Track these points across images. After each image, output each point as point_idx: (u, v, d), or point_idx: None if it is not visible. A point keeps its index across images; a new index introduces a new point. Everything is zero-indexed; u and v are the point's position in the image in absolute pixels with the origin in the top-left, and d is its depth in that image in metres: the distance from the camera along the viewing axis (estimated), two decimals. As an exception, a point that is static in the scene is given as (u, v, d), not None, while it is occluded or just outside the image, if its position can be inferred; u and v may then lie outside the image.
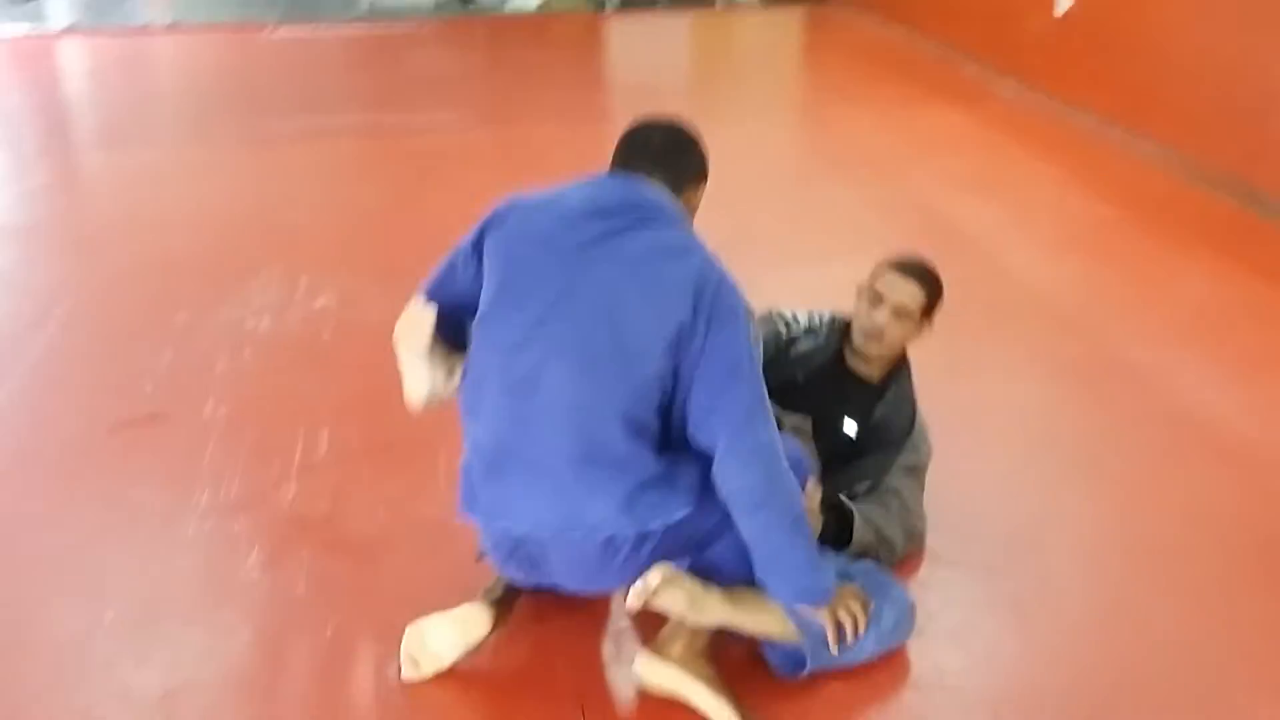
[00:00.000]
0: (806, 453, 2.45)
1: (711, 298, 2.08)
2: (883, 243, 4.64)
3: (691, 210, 2.30)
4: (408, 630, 2.29)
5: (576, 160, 5.50)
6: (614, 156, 2.28)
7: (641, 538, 2.11)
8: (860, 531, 2.52)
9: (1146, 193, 5.21)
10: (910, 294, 2.64)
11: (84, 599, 2.52)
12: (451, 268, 2.24)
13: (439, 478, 2.92)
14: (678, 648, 2.21)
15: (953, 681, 2.31)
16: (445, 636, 2.26)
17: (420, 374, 2.23)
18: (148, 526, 2.78)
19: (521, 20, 9.31)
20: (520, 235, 2.15)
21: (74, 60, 8.39)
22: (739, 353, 2.10)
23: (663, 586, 2.11)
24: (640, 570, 2.15)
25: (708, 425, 2.09)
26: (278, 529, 2.76)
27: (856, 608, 2.24)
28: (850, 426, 2.69)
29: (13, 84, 7.63)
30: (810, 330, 2.81)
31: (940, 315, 2.69)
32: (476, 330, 2.18)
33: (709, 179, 2.33)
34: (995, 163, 5.66)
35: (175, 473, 2.99)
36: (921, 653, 2.37)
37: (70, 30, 8.85)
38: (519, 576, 2.29)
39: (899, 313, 2.63)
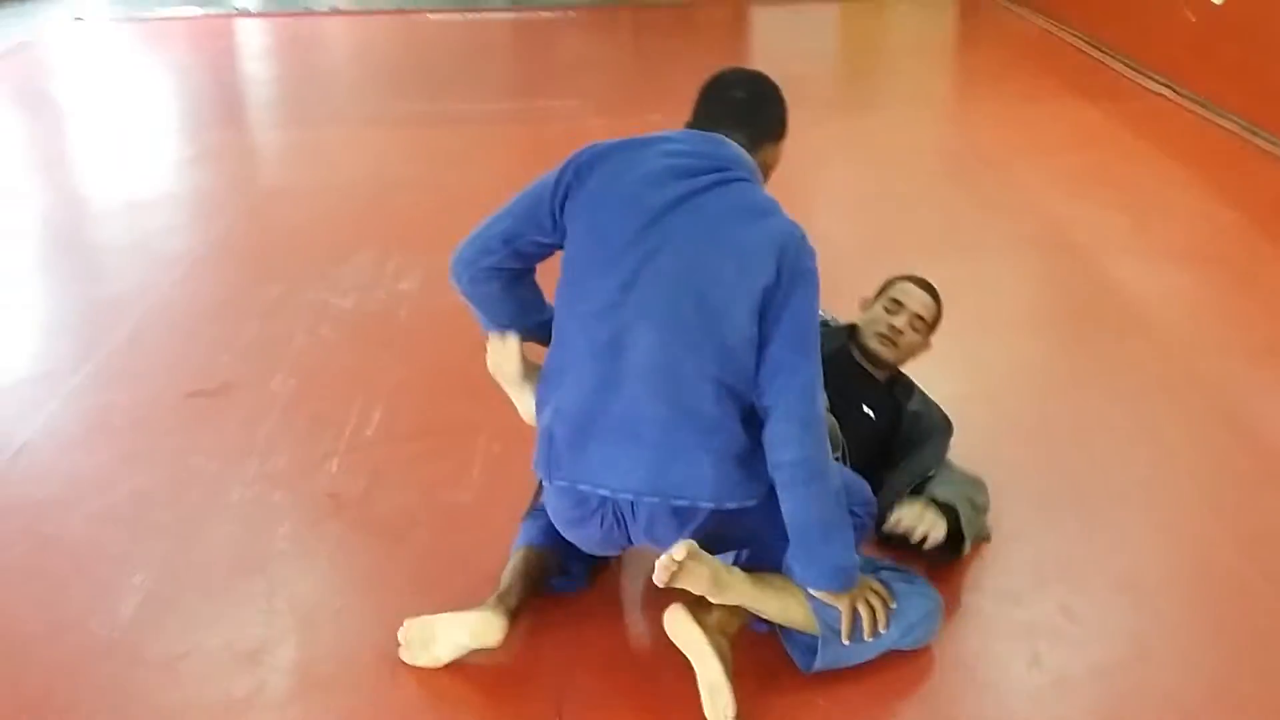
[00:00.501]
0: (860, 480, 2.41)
1: (794, 257, 2.09)
2: (982, 243, 4.59)
3: (767, 167, 2.31)
4: (417, 622, 2.30)
5: None
6: (695, 108, 2.30)
7: (715, 514, 2.12)
8: (965, 517, 2.53)
9: (1276, 202, 4.88)
10: (926, 305, 2.82)
11: (117, 558, 2.68)
12: (535, 223, 2.22)
13: (474, 466, 3.01)
14: (713, 617, 2.17)
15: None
16: (454, 639, 2.26)
17: (526, 397, 2.34)
18: (195, 490, 2.94)
19: (668, 8, 9.32)
20: (604, 197, 2.14)
21: (240, 40, 8.84)
22: (811, 319, 2.13)
23: (687, 563, 2.07)
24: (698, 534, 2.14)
25: (774, 384, 2.08)
26: (313, 503, 2.87)
27: (877, 602, 2.22)
28: (870, 411, 2.73)
29: (181, 62, 8.09)
30: (824, 323, 2.80)
31: (1034, 322, 2.64)
32: (560, 295, 2.20)
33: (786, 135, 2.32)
34: (1123, 163, 5.38)
35: (232, 441, 3.15)
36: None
37: (242, 13, 9.33)
38: (587, 541, 2.28)
39: (915, 321, 2.78)
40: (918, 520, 2.49)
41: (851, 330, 2.85)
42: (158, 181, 5.48)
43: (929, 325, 2.82)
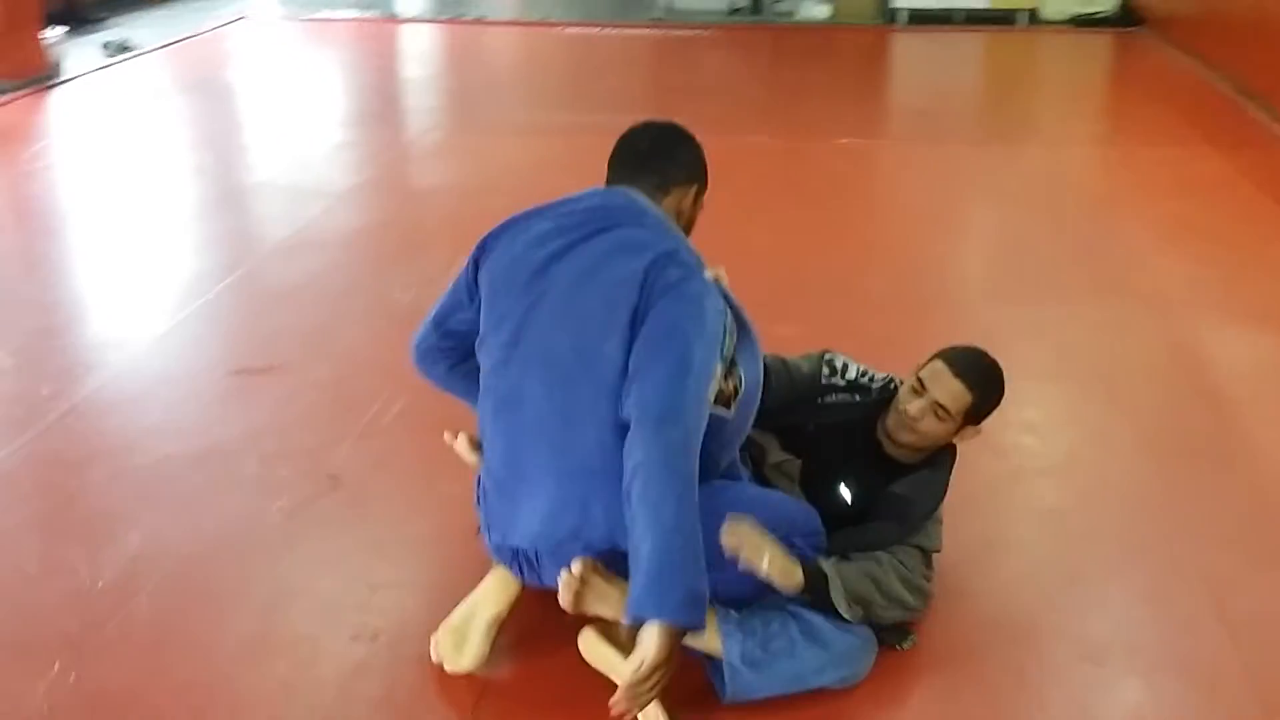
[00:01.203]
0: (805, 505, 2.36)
1: (658, 274, 2.08)
2: (1061, 286, 4.43)
3: (680, 213, 2.31)
4: (443, 630, 2.30)
5: (782, 173, 5.69)
6: (608, 165, 2.35)
7: (617, 555, 2.06)
8: (850, 580, 2.26)
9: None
10: (953, 394, 2.41)
11: (122, 517, 2.87)
12: (456, 300, 2.36)
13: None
14: (624, 630, 2.11)
15: None
16: (484, 617, 2.27)
17: None
18: (213, 460, 3.12)
19: (809, 30, 9.30)
20: (499, 263, 2.24)
21: (394, 43, 9.24)
22: (672, 323, 2.06)
23: (593, 582, 2.08)
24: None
25: (630, 395, 2.02)
26: (314, 483, 3.01)
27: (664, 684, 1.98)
28: (846, 493, 2.52)
29: (341, 59, 8.52)
30: (855, 387, 2.62)
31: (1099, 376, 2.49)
32: (478, 360, 2.29)
33: (707, 184, 2.36)
34: (1235, 216, 5.11)
35: (260, 418, 3.33)
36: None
37: (399, 18, 9.77)
38: (520, 577, 2.30)
39: (936, 410, 2.42)
40: (751, 546, 2.13)
41: (892, 398, 2.52)
42: (296, 168, 5.81)
43: (955, 416, 2.42)
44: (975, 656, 2.40)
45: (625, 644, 2.14)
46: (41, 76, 7.30)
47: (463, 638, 2.28)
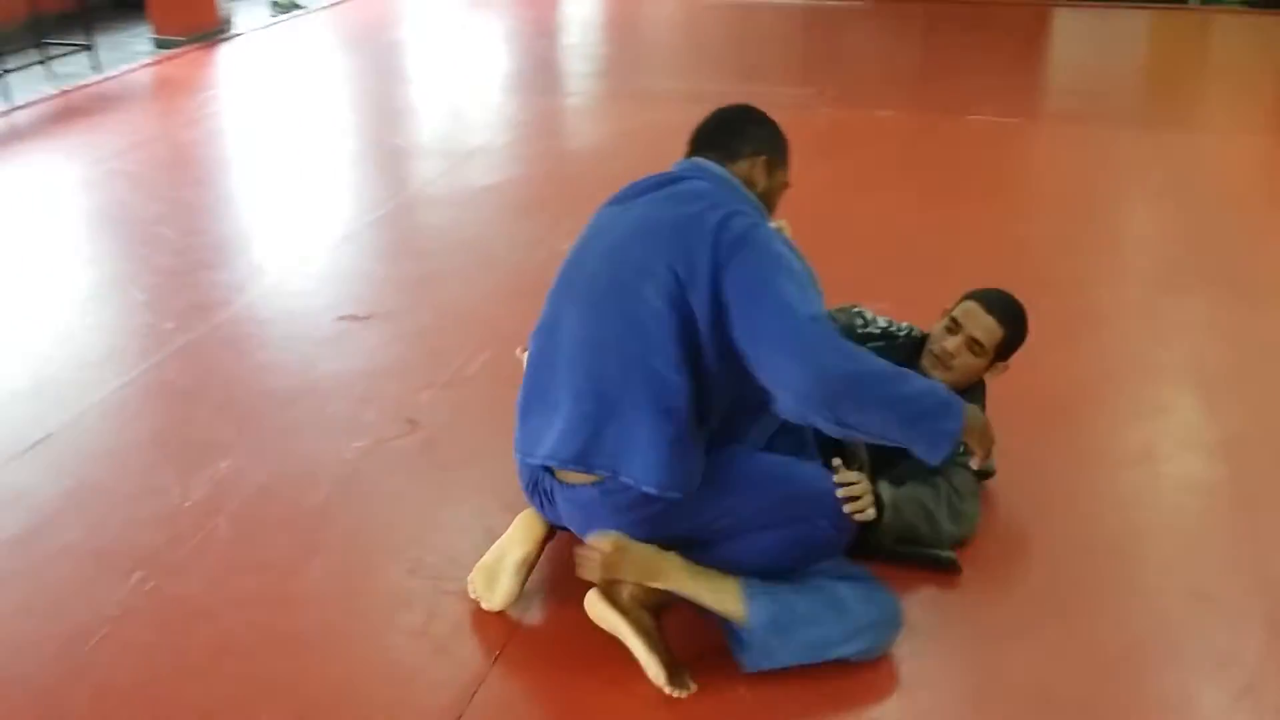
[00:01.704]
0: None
1: (719, 232, 2.12)
2: (1140, 273, 4.24)
3: (752, 183, 2.38)
4: (478, 569, 2.43)
5: (906, 148, 5.59)
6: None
7: (638, 498, 2.16)
8: (904, 507, 2.43)
9: None
10: (988, 329, 2.63)
11: (217, 445, 3.09)
12: None
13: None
14: (625, 592, 2.25)
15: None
16: (514, 558, 2.38)
17: None
18: (306, 399, 3.32)
19: (968, 4, 9.05)
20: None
21: (549, 10, 9.38)
22: (759, 276, 2.11)
23: (613, 556, 2.17)
24: (634, 528, 2.22)
25: (757, 357, 2.09)
26: (394, 425, 3.17)
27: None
28: None
29: (507, 27, 8.74)
30: (886, 335, 2.79)
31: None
32: None
33: (786, 155, 2.47)
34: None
35: (355, 363, 3.52)
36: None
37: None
38: (541, 511, 2.42)
39: (972, 345, 2.63)
40: (860, 489, 2.28)
41: (920, 345, 2.73)
42: (436, 127, 6.12)
43: (989, 350, 2.63)
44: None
45: (628, 607, 2.23)
46: (211, 32, 7.74)
47: (494, 576, 2.40)
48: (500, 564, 2.40)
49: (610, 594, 2.25)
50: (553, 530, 2.44)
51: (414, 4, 9.25)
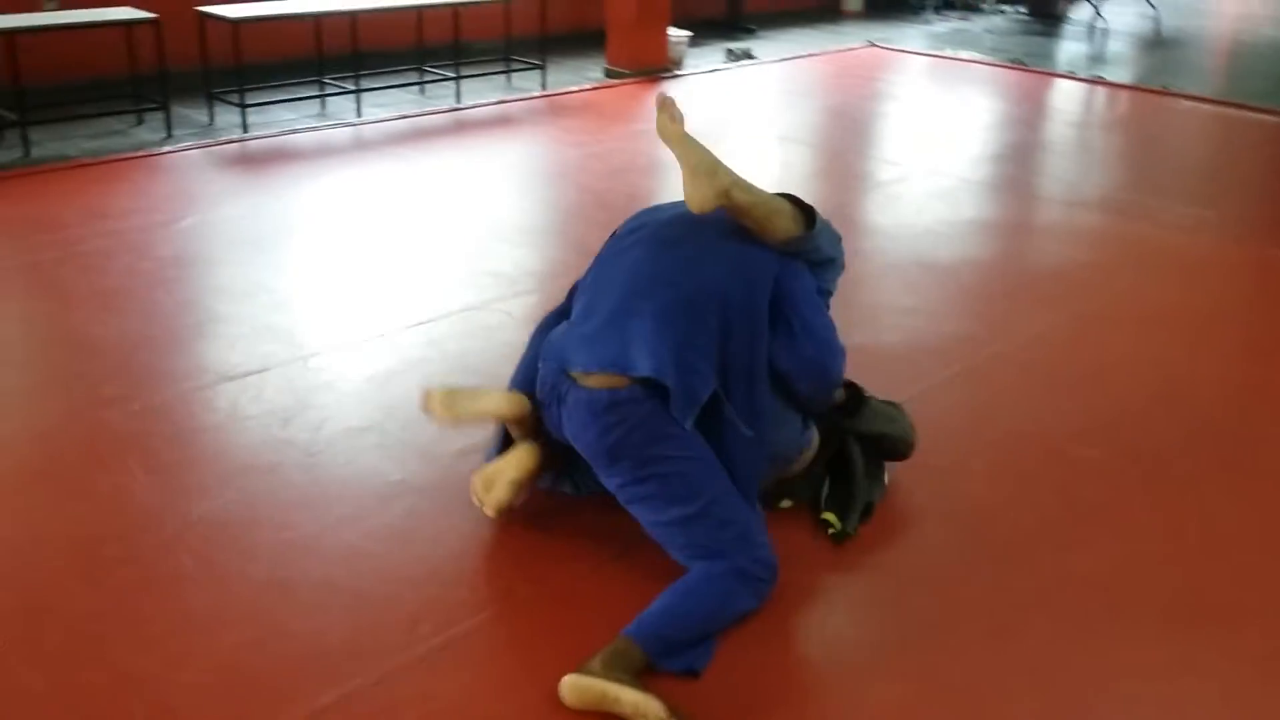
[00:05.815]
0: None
1: (776, 291, 2.62)
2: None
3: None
4: (478, 474, 2.79)
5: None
6: None
7: (637, 392, 2.46)
8: (880, 413, 3.04)
9: None
10: None
11: (322, 408, 3.44)
12: None
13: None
14: (596, 662, 2.28)
15: None
16: (507, 477, 2.73)
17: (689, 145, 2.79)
18: (377, 384, 3.61)
19: None
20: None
21: (1032, 93, 8.84)
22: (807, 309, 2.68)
23: (450, 395, 2.70)
24: (608, 431, 2.49)
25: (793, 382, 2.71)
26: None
27: None
28: None
29: (968, 97, 8.59)
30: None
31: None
32: None
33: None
34: None
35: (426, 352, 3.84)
36: None
37: (1044, 70, 9.49)
38: (551, 423, 2.68)
39: None
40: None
41: None
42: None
43: None
44: None
45: (598, 670, 2.25)
46: (657, 69, 8.37)
47: (490, 484, 2.76)
48: (496, 478, 2.74)
49: (583, 670, 2.27)
50: (540, 466, 2.75)
51: (863, 66, 9.20)
